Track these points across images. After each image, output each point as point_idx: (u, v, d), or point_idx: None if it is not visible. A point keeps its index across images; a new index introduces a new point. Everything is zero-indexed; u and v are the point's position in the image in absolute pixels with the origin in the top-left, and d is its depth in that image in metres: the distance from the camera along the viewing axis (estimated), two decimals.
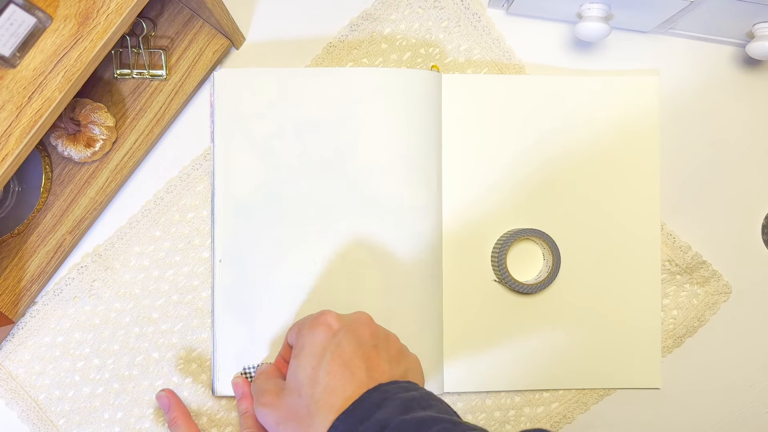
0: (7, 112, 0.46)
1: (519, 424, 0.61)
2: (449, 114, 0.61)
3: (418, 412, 0.44)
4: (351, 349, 0.48)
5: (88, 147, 0.58)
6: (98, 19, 0.47)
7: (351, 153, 0.59)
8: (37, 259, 0.59)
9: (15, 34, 0.45)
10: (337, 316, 0.50)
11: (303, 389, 0.47)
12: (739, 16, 0.58)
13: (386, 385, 0.46)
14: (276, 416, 0.49)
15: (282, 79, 0.60)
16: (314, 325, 0.50)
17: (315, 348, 0.49)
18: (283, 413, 0.48)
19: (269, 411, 0.49)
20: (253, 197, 0.59)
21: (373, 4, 0.63)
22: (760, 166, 0.64)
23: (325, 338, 0.49)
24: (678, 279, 0.63)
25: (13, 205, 0.60)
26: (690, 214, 0.63)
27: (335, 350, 0.48)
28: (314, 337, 0.49)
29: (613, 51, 0.64)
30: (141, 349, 0.61)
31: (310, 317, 0.52)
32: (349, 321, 0.50)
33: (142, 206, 0.61)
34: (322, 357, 0.48)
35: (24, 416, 0.60)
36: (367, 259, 0.59)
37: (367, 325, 0.50)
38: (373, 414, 0.44)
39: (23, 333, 0.60)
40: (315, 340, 0.49)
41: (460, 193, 0.61)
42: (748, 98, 0.64)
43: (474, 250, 0.61)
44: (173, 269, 0.61)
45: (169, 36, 0.61)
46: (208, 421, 0.60)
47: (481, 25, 0.63)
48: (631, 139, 0.62)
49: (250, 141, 0.59)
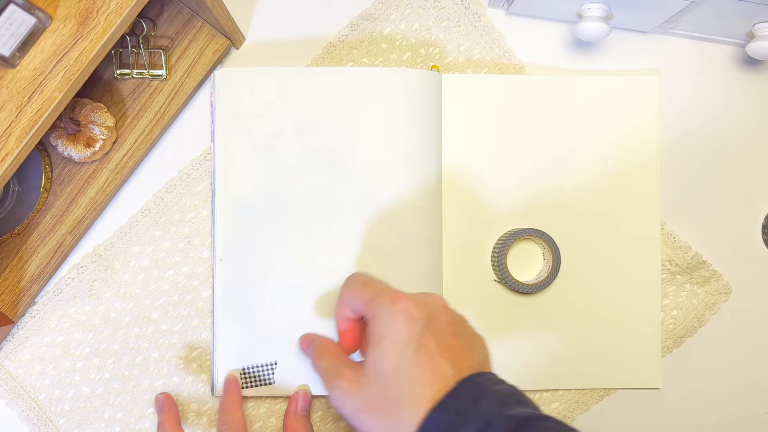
0: (6, 112, 0.46)
1: None
2: (449, 114, 0.61)
3: (514, 407, 0.44)
4: (434, 339, 0.47)
5: (88, 147, 0.58)
6: (98, 19, 0.47)
7: (351, 153, 0.59)
8: (37, 259, 0.59)
9: (15, 34, 0.45)
10: (415, 303, 0.48)
11: (388, 380, 0.47)
12: (740, 16, 0.58)
13: (477, 377, 0.46)
14: (356, 404, 0.48)
15: (282, 78, 0.60)
16: (393, 314, 0.48)
17: (398, 338, 0.47)
18: (365, 402, 0.48)
19: (349, 398, 0.49)
20: (253, 197, 0.59)
21: (373, 4, 0.63)
22: (761, 166, 0.64)
23: (407, 328, 0.47)
24: (678, 279, 0.63)
25: (13, 205, 0.60)
26: (690, 214, 0.63)
27: (419, 341, 0.47)
28: (395, 326, 0.47)
29: (614, 51, 0.64)
30: (141, 349, 0.61)
31: (383, 297, 0.49)
32: (429, 309, 0.49)
33: (142, 206, 0.61)
34: (406, 348, 0.47)
35: (24, 416, 0.60)
36: (368, 259, 0.59)
37: (444, 312, 0.49)
38: (471, 408, 0.44)
39: (23, 333, 0.60)
40: (397, 329, 0.47)
41: (460, 193, 0.61)
42: (748, 98, 0.64)
43: (474, 250, 0.61)
44: (173, 269, 0.61)
45: (169, 36, 0.61)
46: (208, 421, 0.60)
47: (481, 25, 0.63)
48: (631, 138, 0.62)
49: (250, 141, 0.59)
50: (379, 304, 0.49)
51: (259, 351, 0.59)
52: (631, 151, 0.62)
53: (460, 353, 0.47)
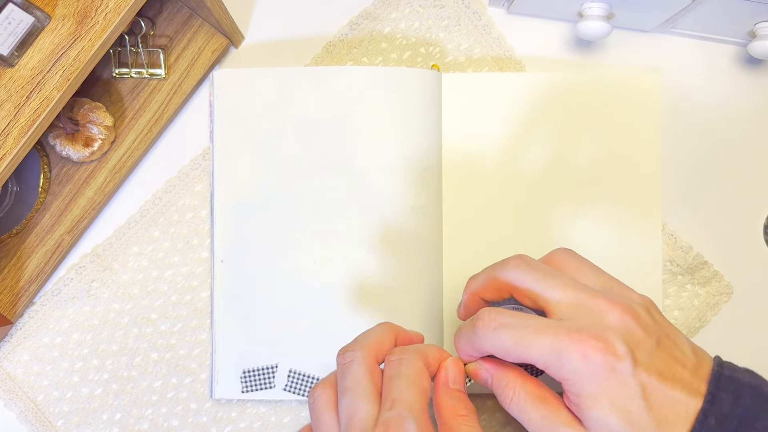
0: (5, 112, 0.46)
1: (520, 425, 0.60)
2: (449, 113, 0.61)
3: None
4: (654, 370, 0.39)
5: (86, 146, 0.58)
6: (97, 18, 0.47)
7: (351, 152, 0.59)
8: (36, 260, 0.59)
9: (13, 33, 0.45)
10: (617, 333, 0.39)
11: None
12: (741, 16, 0.58)
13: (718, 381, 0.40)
14: None
15: (281, 78, 0.60)
16: (588, 353, 0.39)
17: (615, 394, 0.39)
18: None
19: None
20: (253, 197, 0.59)
21: (373, 3, 0.63)
22: (763, 166, 0.64)
23: (615, 374, 0.39)
24: (679, 279, 0.62)
25: (11, 205, 0.59)
26: (691, 215, 0.63)
27: (640, 385, 0.39)
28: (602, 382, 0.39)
29: (614, 50, 0.64)
30: (140, 350, 0.60)
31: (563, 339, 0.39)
32: (621, 336, 0.39)
33: (141, 206, 0.61)
34: (631, 401, 0.39)
35: (22, 417, 0.60)
36: (368, 259, 0.58)
37: (642, 328, 0.40)
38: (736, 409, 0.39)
39: (21, 333, 0.60)
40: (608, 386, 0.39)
41: (460, 193, 0.60)
42: (749, 98, 0.64)
43: (474, 250, 0.61)
44: (172, 269, 0.61)
45: (168, 35, 0.61)
46: (209, 421, 0.60)
47: (481, 24, 0.63)
48: (632, 137, 0.62)
49: (249, 141, 0.59)
50: (566, 355, 0.39)
51: (259, 353, 0.58)
52: (631, 151, 0.61)
53: (680, 371, 0.40)
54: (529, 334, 0.40)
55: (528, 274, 0.43)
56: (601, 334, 0.39)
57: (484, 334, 0.42)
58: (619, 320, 0.40)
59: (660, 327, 0.42)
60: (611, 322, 0.40)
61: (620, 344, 0.39)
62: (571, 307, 0.41)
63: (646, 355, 0.40)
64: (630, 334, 0.40)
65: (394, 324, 0.47)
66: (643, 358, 0.39)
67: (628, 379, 0.39)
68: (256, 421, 0.60)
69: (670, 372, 0.40)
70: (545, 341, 0.40)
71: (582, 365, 0.39)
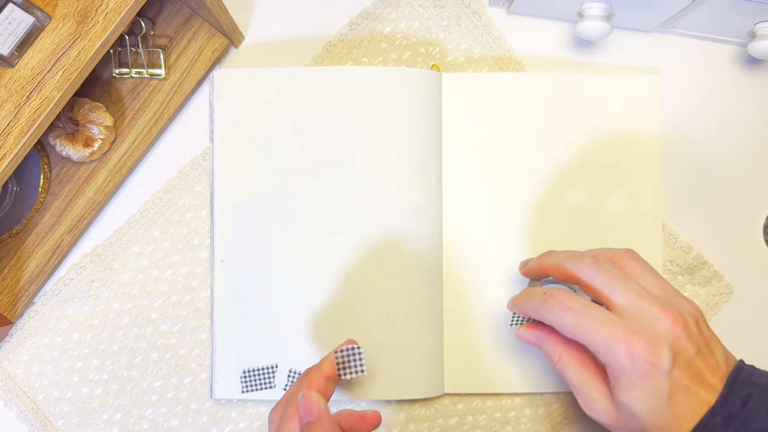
0: (5, 112, 0.46)
1: (520, 425, 0.60)
2: (449, 113, 0.61)
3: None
4: (685, 374, 0.45)
5: (86, 146, 0.58)
6: (97, 18, 0.47)
7: (351, 152, 0.59)
8: (36, 260, 0.59)
9: (13, 33, 0.45)
10: (666, 340, 0.45)
11: (644, 422, 0.45)
12: (741, 16, 0.58)
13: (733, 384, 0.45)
14: (613, 425, 0.47)
15: (281, 78, 0.59)
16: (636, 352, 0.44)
17: (648, 386, 0.45)
18: (620, 426, 0.47)
19: (604, 421, 0.47)
20: (253, 197, 0.59)
21: (373, 3, 0.63)
22: (763, 166, 0.64)
23: (651, 372, 0.44)
24: (679, 279, 0.62)
25: (12, 205, 0.59)
26: (691, 215, 0.63)
27: (671, 385, 0.44)
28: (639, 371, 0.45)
29: (614, 50, 0.64)
30: (140, 350, 0.60)
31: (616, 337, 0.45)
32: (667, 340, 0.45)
33: (141, 206, 0.61)
34: (657, 396, 0.45)
35: (22, 417, 0.60)
36: (368, 259, 0.58)
37: (688, 336, 0.45)
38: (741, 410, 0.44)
39: (22, 333, 0.60)
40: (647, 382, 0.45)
41: (460, 193, 0.60)
42: (749, 98, 0.64)
43: (474, 249, 0.60)
44: (172, 269, 0.61)
45: (168, 35, 0.61)
46: (209, 421, 0.60)
47: (481, 24, 0.63)
48: (632, 137, 0.62)
49: (249, 141, 0.59)
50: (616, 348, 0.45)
51: (259, 353, 0.58)
52: (631, 150, 0.61)
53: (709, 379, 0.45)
54: (591, 322, 0.46)
55: (598, 275, 0.48)
56: (651, 338, 0.45)
57: (553, 312, 0.48)
58: (670, 328, 0.45)
59: (703, 336, 0.46)
60: (663, 329, 0.45)
61: (666, 350, 0.44)
62: (630, 309, 0.46)
63: (684, 361, 0.45)
64: (676, 340, 0.45)
65: None
66: (681, 364, 0.45)
67: (662, 379, 0.44)
68: (256, 421, 0.60)
69: (700, 377, 0.45)
70: (602, 332, 0.46)
71: (627, 360, 0.45)
